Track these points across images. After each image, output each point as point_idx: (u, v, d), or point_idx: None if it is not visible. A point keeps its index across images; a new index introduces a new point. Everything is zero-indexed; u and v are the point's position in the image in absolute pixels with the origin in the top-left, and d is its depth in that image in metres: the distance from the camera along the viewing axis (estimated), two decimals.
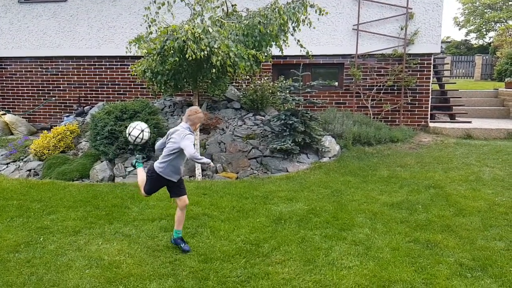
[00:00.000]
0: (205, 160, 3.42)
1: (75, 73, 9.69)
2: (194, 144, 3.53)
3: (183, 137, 3.45)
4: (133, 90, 9.48)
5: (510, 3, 31.29)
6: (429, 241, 3.71)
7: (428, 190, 5.15)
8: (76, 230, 4.14)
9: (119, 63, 9.45)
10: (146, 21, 5.99)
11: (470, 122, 9.24)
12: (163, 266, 3.36)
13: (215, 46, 5.14)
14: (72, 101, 9.80)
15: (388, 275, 3.11)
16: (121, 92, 9.55)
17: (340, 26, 8.78)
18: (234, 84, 8.99)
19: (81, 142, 7.58)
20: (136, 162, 4.10)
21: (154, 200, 5.05)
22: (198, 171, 6.13)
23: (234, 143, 6.91)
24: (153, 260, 3.46)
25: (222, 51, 5.16)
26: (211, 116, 7.59)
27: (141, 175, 3.96)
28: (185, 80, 6.37)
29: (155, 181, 3.70)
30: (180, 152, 3.50)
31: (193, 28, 5.10)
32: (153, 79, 6.18)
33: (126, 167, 6.50)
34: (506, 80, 12.29)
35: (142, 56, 6.31)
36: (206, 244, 3.76)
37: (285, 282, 3.07)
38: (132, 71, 6.80)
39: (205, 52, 5.01)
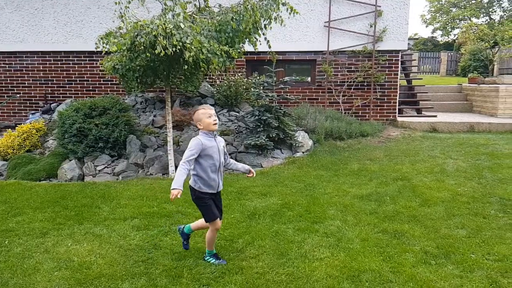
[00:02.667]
0: (175, 184, 2.95)
1: (41, 68, 9.38)
2: (191, 152, 3.06)
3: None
4: (103, 86, 9.27)
5: (473, 1, 32.48)
6: (397, 231, 3.85)
7: (396, 182, 5.33)
8: (43, 231, 4.04)
9: (87, 59, 9.22)
10: (116, 15, 5.87)
11: (435, 116, 9.58)
12: (135, 265, 3.34)
13: (187, 41, 5.10)
14: (38, 98, 9.48)
15: (358, 265, 3.21)
16: (90, 88, 9.32)
17: (312, 23, 8.88)
18: (207, 80, 8.95)
19: (48, 141, 7.37)
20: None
21: (126, 199, 4.99)
22: (171, 168, 6.08)
23: None
24: (125, 260, 3.42)
25: (194, 47, 5.13)
26: (185, 112, 7.54)
27: (200, 223, 3.47)
28: (157, 76, 6.29)
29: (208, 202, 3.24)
30: (198, 160, 3.12)
31: (164, 24, 5.04)
32: (124, 75, 6.08)
33: (96, 166, 6.37)
34: (469, 75, 12.83)
35: (112, 52, 6.19)
36: (179, 242, 3.74)
37: (258, 276, 3.11)
38: (101, 66, 6.65)
39: (177, 48, 4.96)
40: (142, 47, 5.10)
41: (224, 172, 4.87)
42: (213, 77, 8.93)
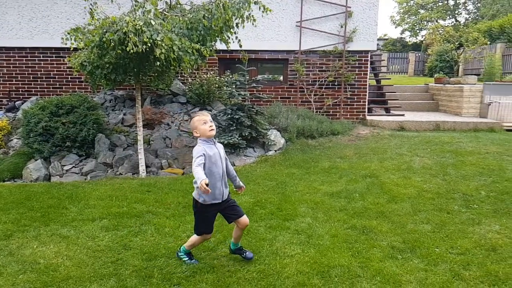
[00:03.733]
0: (198, 181, 2.76)
1: (5, 65, 9.00)
2: (198, 157, 2.93)
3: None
4: (70, 83, 9.00)
5: (440, 4, 33.61)
6: (365, 227, 3.95)
7: (365, 179, 5.46)
8: (7, 234, 3.89)
9: (54, 55, 8.92)
10: (85, 11, 5.72)
11: (403, 115, 9.87)
12: (104, 266, 3.27)
13: (158, 39, 5.03)
14: (1, 96, 9.10)
15: (328, 261, 3.27)
16: (57, 86, 9.03)
17: (284, 23, 8.95)
18: (179, 78, 8.86)
19: (12, 140, 7.10)
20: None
21: (94, 199, 4.88)
22: (141, 167, 5.99)
23: (180, 138, 6.83)
24: (94, 261, 3.35)
25: (165, 45, 5.06)
26: (156, 110, 7.43)
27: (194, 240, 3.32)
28: (126, 73, 6.17)
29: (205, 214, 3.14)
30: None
31: (134, 20, 4.95)
32: (92, 73, 5.93)
33: (63, 166, 6.20)
34: (435, 76, 13.27)
35: (80, 48, 6.03)
36: (150, 242, 3.71)
37: (230, 274, 3.12)
38: (69, 63, 6.46)
39: (148, 45, 4.89)
40: (111, 44, 5.00)
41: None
42: (185, 75, 8.85)
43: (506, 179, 5.30)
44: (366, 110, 9.44)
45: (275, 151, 7.06)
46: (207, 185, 2.72)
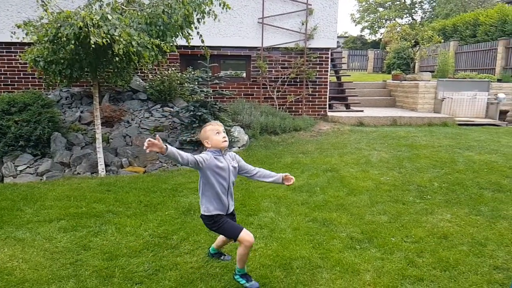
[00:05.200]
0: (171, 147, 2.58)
1: None
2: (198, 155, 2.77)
3: None
4: (23, 80, 8.58)
5: (397, 2, 34.79)
6: (326, 220, 4.06)
7: (325, 173, 5.60)
8: None
9: (4, 50, 8.47)
10: (37, 4, 5.47)
11: (362, 111, 10.19)
12: (63, 268, 3.18)
13: (116, 34, 4.91)
14: None
15: (290, 254, 3.34)
16: (8, 82, 8.58)
17: (246, 19, 8.97)
18: (139, 74, 8.68)
19: None
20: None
21: (51, 200, 4.71)
22: (101, 166, 5.83)
23: (141, 136, 6.70)
24: (52, 263, 3.24)
25: (124, 40, 4.95)
26: (115, 108, 7.24)
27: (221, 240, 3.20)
28: (83, 69, 5.97)
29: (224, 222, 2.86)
30: (205, 179, 2.81)
31: (90, 14, 4.80)
32: (46, 69, 5.69)
33: (17, 166, 5.92)
34: (392, 72, 13.76)
35: (33, 43, 5.76)
36: (111, 242, 3.64)
37: (193, 271, 3.12)
38: (21, 59, 6.16)
39: (105, 40, 4.76)
40: (66, 39, 4.82)
41: (156, 170, 4.60)
42: (145, 71, 8.68)
43: (457, 170, 5.61)
44: (327, 106, 9.66)
45: (239, 147, 7.08)
46: (153, 144, 2.42)
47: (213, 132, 2.83)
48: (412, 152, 6.56)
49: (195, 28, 5.94)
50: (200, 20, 5.96)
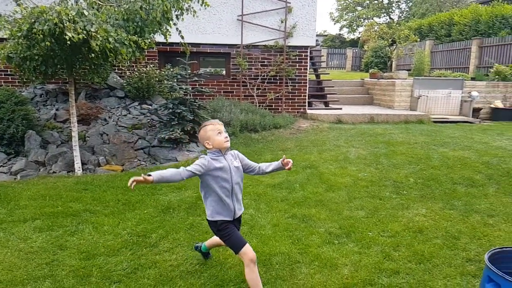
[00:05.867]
0: (156, 172, 2.50)
1: None
2: (194, 165, 2.62)
3: None
4: None
5: (375, 1, 35.33)
6: (305, 216, 4.11)
7: (305, 170, 5.66)
8: None
9: None
10: None
11: (341, 108, 10.33)
12: (38, 268, 3.11)
13: (92, 30, 4.82)
14: None
15: (269, 250, 3.37)
16: None
17: (225, 16, 8.94)
18: (116, 71, 8.53)
19: None
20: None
21: (26, 199, 4.59)
22: (77, 165, 5.72)
23: (119, 134, 6.60)
24: (27, 264, 3.17)
25: (100, 36, 4.86)
26: (91, 105, 7.11)
27: (214, 240, 3.07)
28: (58, 66, 5.83)
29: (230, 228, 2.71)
30: (205, 183, 2.68)
31: (66, 10, 4.69)
32: (20, 65, 5.53)
33: None
34: (370, 71, 13.99)
35: (5, 39, 5.59)
36: (88, 241, 3.58)
37: (172, 269, 3.11)
38: None
39: (81, 36, 4.66)
40: (41, 35, 4.70)
41: (134, 168, 4.53)
42: (123, 68, 8.54)
43: (432, 166, 5.77)
44: (307, 104, 9.75)
45: None
46: (138, 182, 2.39)
47: (215, 132, 2.66)
48: (389, 149, 6.70)
49: (174, 24, 5.89)
50: (179, 16, 5.90)
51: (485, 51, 13.96)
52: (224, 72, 9.48)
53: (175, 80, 7.03)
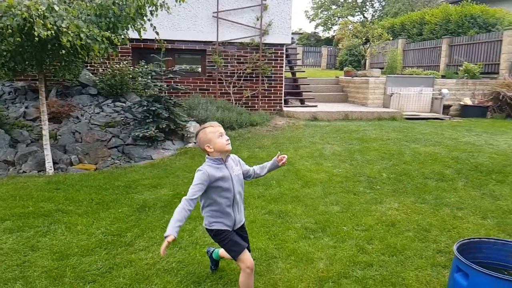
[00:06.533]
0: (169, 227, 2.36)
1: None
2: (195, 185, 2.46)
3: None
4: None
5: (349, 0, 35.83)
6: (281, 211, 4.15)
7: (281, 167, 5.69)
8: None
9: None
10: None
11: (316, 106, 10.44)
12: (9, 270, 3.02)
13: (63, 25, 4.69)
14: None
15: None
16: None
17: (201, 13, 8.88)
18: (88, 68, 8.34)
19: None
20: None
21: None
22: (48, 164, 5.57)
23: (91, 132, 6.47)
24: None
25: (71, 32, 4.73)
26: (63, 103, 6.93)
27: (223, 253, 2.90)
28: (28, 62, 5.65)
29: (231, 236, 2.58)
30: (205, 193, 2.51)
31: (35, 4, 4.55)
32: None
33: None
34: (345, 69, 14.21)
35: None
36: (61, 241, 3.50)
37: (149, 267, 3.08)
38: None
39: (50, 33, 4.52)
40: (9, 30, 4.54)
41: (108, 167, 4.46)
42: (95, 65, 8.36)
43: (404, 162, 5.92)
44: (283, 101, 9.80)
45: (195, 143, 7.03)
46: (169, 242, 2.30)
47: (216, 134, 2.49)
48: (363, 145, 6.83)
49: (149, 20, 5.80)
50: (153, 12, 5.82)
51: (454, 50, 14.41)
52: (199, 69, 9.42)
53: (150, 77, 6.94)
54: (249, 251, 2.62)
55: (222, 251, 2.88)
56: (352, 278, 2.95)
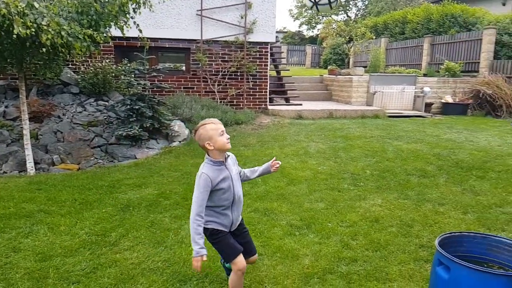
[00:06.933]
0: (196, 246, 2.27)
1: None
2: (200, 193, 2.35)
3: (196, 177, 2.41)
4: None
5: None
6: (267, 209, 4.17)
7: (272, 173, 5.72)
8: None
9: None
10: None
11: (301, 104, 10.50)
12: None
13: (44, 23, 4.60)
14: None
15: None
16: None
17: (184, 11, 8.82)
18: (70, 66, 8.20)
19: None
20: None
21: None
22: (29, 164, 5.46)
23: (74, 131, 6.36)
24: None
25: (52, 29, 4.64)
26: (44, 102, 6.80)
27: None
28: (7, 61, 5.52)
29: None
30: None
31: (15, 1, 4.44)
32: None
33: None
34: (329, 67, 14.32)
35: None
36: (43, 242, 3.44)
37: (134, 267, 3.06)
38: None
39: (29, 31, 4.43)
40: None
41: (91, 166, 4.41)
42: (77, 63, 8.23)
43: (387, 159, 6.01)
44: (268, 100, 9.83)
45: (180, 142, 6.99)
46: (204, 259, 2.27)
47: (217, 131, 2.37)
48: (347, 143, 6.91)
49: (132, 18, 5.74)
50: (136, 10, 5.76)
51: (436, 49, 14.67)
52: (184, 68, 9.36)
53: (133, 75, 6.87)
54: (254, 251, 2.62)
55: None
56: (337, 273, 2.99)
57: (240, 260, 2.44)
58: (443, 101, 11.68)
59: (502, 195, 4.64)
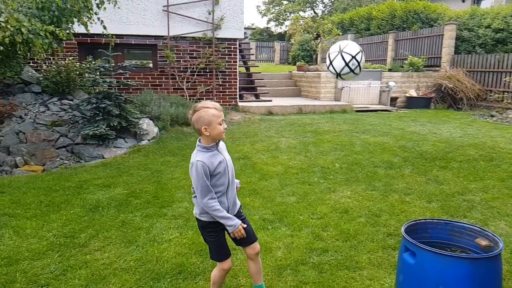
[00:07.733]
0: (229, 221, 2.28)
1: None
2: (204, 181, 2.25)
3: (190, 168, 2.29)
4: None
5: None
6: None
7: (238, 161, 5.74)
8: None
9: None
10: None
11: (271, 100, 10.58)
12: None
13: (1, 19, 4.41)
14: None
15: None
16: None
17: (150, 6, 8.67)
18: (31, 64, 7.90)
19: None
20: None
21: None
22: None
23: (37, 131, 6.14)
24: None
25: (11, 26, 4.46)
26: (4, 102, 6.51)
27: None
28: None
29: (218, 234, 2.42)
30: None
31: None
32: None
33: None
34: (297, 64, 14.46)
35: None
36: (9, 246, 3.31)
37: (105, 267, 3.00)
38: None
39: None
40: None
41: (57, 167, 4.28)
42: (38, 61, 7.93)
43: (355, 152, 6.17)
44: (238, 96, 9.83)
45: (149, 140, 6.88)
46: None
47: (218, 119, 2.22)
48: (316, 137, 7.03)
49: (95, 14, 5.59)
50: (99, 6, 5.61)
51: (400, 44, 15.11)
52: (151, 65, 9.21)
53: (98, 73, 6.69)
54: (255, 237, 2.53)
55: (252, 279, 2.63)
56: (309, 264, 3.05)
57: (227, 262, 2.43)
58: (407, 95, 12.08)
59: (464, 184, 4.87)
